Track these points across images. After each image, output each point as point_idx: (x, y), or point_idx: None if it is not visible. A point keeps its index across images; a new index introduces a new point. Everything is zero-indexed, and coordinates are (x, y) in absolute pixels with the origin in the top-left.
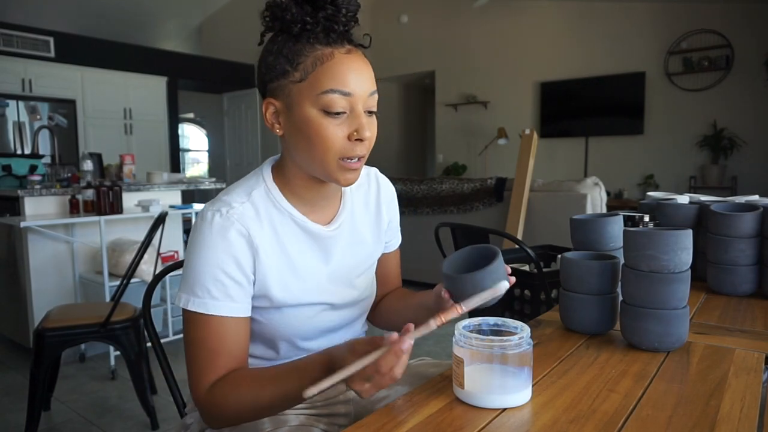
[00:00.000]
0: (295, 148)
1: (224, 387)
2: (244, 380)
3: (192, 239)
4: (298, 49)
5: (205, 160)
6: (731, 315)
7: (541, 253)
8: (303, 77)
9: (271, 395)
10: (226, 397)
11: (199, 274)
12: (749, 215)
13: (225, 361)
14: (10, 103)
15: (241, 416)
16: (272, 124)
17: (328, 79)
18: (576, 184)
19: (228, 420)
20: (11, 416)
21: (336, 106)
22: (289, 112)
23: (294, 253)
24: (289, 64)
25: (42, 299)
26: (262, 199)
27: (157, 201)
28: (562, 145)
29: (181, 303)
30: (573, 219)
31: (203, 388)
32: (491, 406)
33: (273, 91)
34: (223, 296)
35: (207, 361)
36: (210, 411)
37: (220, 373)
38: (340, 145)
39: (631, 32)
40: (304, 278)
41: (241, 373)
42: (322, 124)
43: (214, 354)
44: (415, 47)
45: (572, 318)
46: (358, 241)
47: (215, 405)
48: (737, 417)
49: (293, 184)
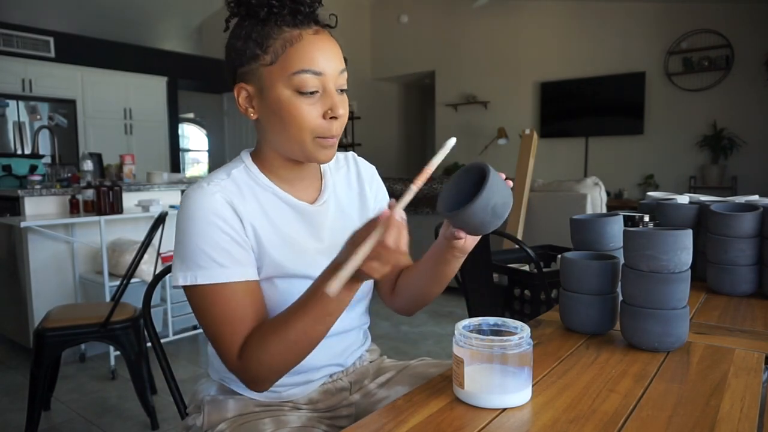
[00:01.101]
0: (271, 130)
1: (252, 349)
2: (267, 333)
3: (180, 220)
4: (266, 32)
5: (205, 160)
6: (731, 315)
7: (541, 253)
8: (273, 60)
9: (297, 332)
10: (258, 358)
11: (197, 247)
12: (749, 215)
13: (249, 325)
14: (10, 103)
15: (278, 368)
16: (246, 108)
17: (298, 60)
18: (576, 184)
19: (268, 377)
20: (11, 416)
21: (308, 86)
22: (262, 95)
23: (281, 224)
24: (258, 48)
25: (42, 299)
26: (243, 176)
27: (157, 201)
28: (562, 145)
29: (183, 281)
30: (573, 219)
31: (234, 357)
32: (491, 406)
33: (244, 76)
34: (231, 262)
35: (231, 332)
36: (248, 375)
37: (246, 337)
38: (315, 123)
39: (631, 32)
40: (294, 248)
41: (262, 329)
42: (295, 104)
43: (237, 322)
44: (415, 47)
45: (572, 318)
46: (345, 219)
47: (250, 368)
48: (737, 417)
49: (273, 165)
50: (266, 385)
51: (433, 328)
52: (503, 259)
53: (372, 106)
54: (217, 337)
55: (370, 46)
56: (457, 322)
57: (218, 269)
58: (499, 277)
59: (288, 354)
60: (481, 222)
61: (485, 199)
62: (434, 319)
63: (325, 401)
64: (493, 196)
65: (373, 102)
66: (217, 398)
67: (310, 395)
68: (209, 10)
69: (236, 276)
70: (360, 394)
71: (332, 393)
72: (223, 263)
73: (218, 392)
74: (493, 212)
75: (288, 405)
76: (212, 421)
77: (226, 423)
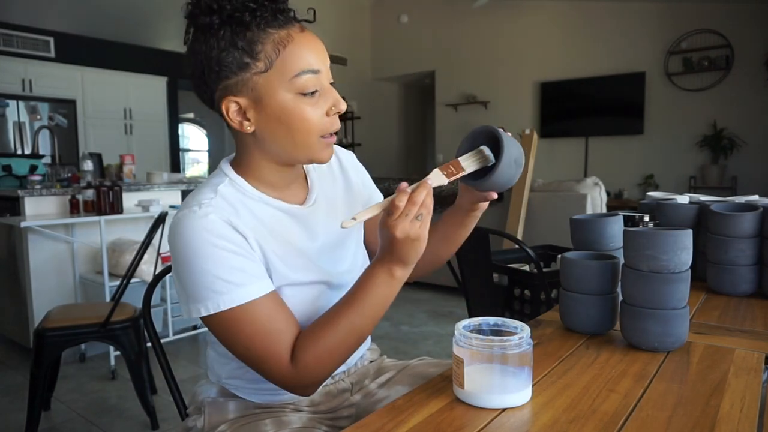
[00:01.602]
0: (272, 139)
1: (307, 352)
2: (320, 332)
3: (178, 250)
4: (252, 37)
5: (205, 160)
6: (731, 315)
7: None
8: (268, 66)
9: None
10: (316, 358)
11: (208, 273)
12: (749, 215)
13: (289, 334)
14: (10, 103)
15: (333, 365)
16: (240, 122)
17: (296, 62)
18: (576, 184)
19: (322, 376)
20: (11, 416)
21: (309, 86)
22: (260, 104)
23: (281, 232)
24: (247, 56)
25: (42, 299)
26: (230, 191)
27: (157, 201)
28: (562, 145)
29: (205, 311)
30: (573, 219)
31: (286, 368)
32: (491, 406)
33: (231, 88)
34: (247, 279)
35: (274, 343)
36: (305, 380)
37: (292, 343)
38: (321, 123)
39: (631, 32)
40: (296, 254)
41: (313, 329)
42: (300, 107)
43: (276, 333)
44: (415, 47)
45: (572, 318)
46: (336, 213)
47: (308, 372)
48: (737, 417)
49: (260, 173)
50: (318, 387)
51: (433, 328)
52: (503, 259)
53: (372, 106)
54: (260, 356)
55: (370, 46)
56: (457, 322)
57: (238, 290)
58: (499, 277)
59: (343, 348)
60: (509, 177)
61: (508, 156)
62: (434, 319)
63: (327, 403)
64: (512, 150)
65: (373, 102)
66: (218, 400)
67: (311, 397)
68: None
69: (258, 292)
70: (360, 395)
71: (334, 395)
72: (241, 283)
73: (218, 394)
74: (517, 164)
75: (289, 407)
76: (213, 423)
77: (227, 424)
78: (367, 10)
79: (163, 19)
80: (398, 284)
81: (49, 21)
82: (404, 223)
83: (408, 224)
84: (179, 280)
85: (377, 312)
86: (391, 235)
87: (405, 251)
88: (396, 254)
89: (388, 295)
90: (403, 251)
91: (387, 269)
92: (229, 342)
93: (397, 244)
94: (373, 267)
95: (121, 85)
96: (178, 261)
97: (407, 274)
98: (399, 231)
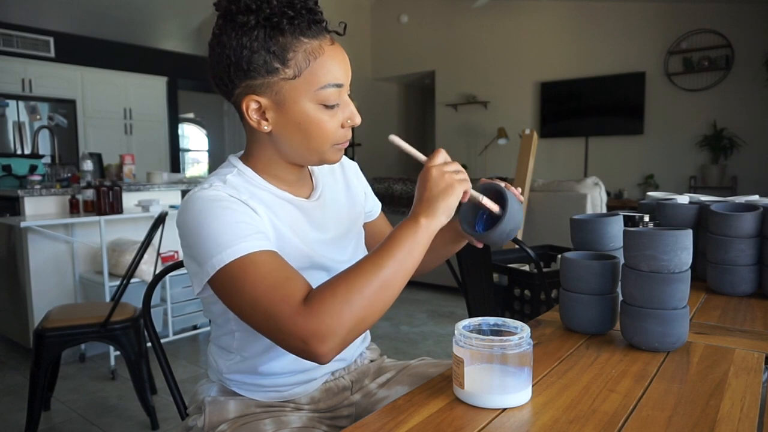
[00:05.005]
0: (287, 142)
1: (321, 288)
2: (333, 277)
3: (188, 221)
4: (285, 43)
5: (205, 160)
6: (731, 315)
7: (541, 253)
8: (297, 74)
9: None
10: (332, 291)
11: (216, 230)
12: (749, 215)
13: (300, 280)
14: (10, 103)
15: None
16: (258, 121)
17: (324, 74)
18: (576, 184)
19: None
20: (11, 416)
21: (332, 99)
22: (282, 108)
23: (288, 220)
24: (278, 61)
25: (42, 299)
26: (238, 180)
27: (157, 201)
28: (562, 145)
29: (209, 273)
30: (573, 219)
31: (297, 306)
32: (491, 406)
33: (255, 88)
34: (254, 233)
35: (282, 287)
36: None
37: (303, 290)
38: (336, 134)
39: (631, 32)
40: (298, 241)
41: (326, 282)
42: (320, 118)
43: (284, 280)
44: (415, 47)
45: (572, 318)
46: (340, 210)
47: (325, 305)
48: (737, 417)
49: (269, 167)
50: (336, 345)
51: (433, 328)
52: (503, 259)
53: (372, 106)
54: (269, 302)
55: (370, 46)
56: (457, 322)
57: (244, 242)
58: (499, 277)
59: (362, 294)
60: (495, 242)
61: (502, 228)
62: (434, 319)
63: (327, 401)
64: (510, 223)
65: (373, 102)
66: (218, 399)
67: (312, 394)
68: (209, 10)
69: (265, 246)
70: (360, 394)
71: (334, 392)
72: (247, 235)
73: (219, 393)
74: (507, 236)
75: (290, 405)
76: (213, 422)
77: (227, 424)
78: (367, 10)
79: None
80: (422, 232)
81: (49, 21)
82: (443, 168)
83: (445, 168)
84: (190, 250)
85: (399, 261)
86: (427, 176)
87: (434, 196)
88: (425, 200)
89: (410, 242)
90: (433, 195)
91: (413, 217)
92: (238, 299)
93: (431, 186)
94: (401, 222)
95: (121, 85)
96: (187, 231)
97: (432, 225)
98: (436, 170)
